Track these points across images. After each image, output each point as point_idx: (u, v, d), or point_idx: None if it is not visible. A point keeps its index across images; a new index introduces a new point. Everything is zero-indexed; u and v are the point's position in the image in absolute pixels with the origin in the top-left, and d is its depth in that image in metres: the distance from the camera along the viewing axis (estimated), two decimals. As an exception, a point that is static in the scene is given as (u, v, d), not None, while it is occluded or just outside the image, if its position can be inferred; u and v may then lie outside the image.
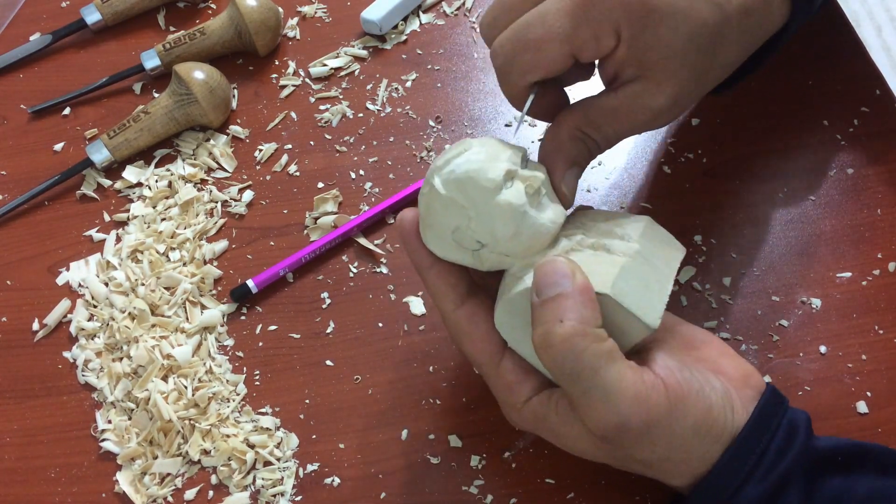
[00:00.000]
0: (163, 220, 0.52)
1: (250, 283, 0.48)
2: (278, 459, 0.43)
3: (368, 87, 0.58)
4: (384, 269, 0.49)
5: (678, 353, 0.36)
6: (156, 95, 0.59)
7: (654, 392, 0.32)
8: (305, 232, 0.51)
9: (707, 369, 0.36)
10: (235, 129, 0.56)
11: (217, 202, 0.53)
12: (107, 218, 0.53)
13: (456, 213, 0.34)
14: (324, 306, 0.48)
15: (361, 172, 0.54)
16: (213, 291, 0.49)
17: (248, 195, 0.53)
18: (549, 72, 0.35)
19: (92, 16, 0.62)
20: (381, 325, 0.47)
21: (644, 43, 0.34)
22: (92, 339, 0.48)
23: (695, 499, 0.35)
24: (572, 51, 0.34)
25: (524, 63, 0.35)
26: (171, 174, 0.54)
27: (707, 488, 0.34)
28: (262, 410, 0.45)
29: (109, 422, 0.45)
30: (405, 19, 0.61)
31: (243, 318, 0.48)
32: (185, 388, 0.45)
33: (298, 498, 0.42)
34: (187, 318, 0.48)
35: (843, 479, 0.34)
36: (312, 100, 0.58)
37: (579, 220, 0.38)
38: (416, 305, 0.47)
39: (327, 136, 0.56)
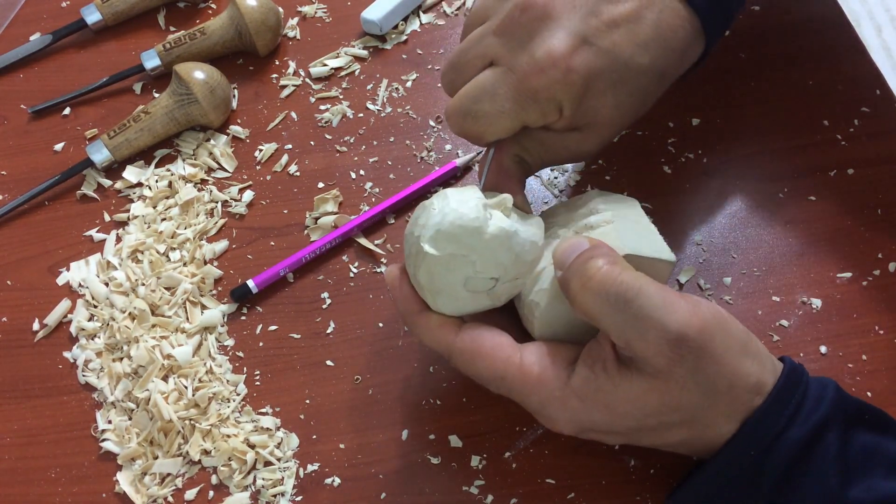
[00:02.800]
0: (163, 220, 0.52)
1: (250, 283, 0.48)
2: (278, 459, 0.43)
3: (368, 87, 0.58)
4: (384, 269, 0.49)
5: None
6: (156, 95, 0.59)
7: (700, 307, 0.33)
8: (305, 232, 0.51)
9: None
10: (235, 129, 0.56)
11: (217, 202, 0.53)
12: (107, 218, 0.53)
13: (459, 265, 0.35)
14: (324, 306, 0.48)
15: (362, 172, 0.54)
16: (214, 291, 0.49)
17: (248, 195, 0.53)
18: (499, 138, 0.38)
19: (92, 16, 0.62)
20: (381, 325, 0.47)
21: (585, 110, 0.37)
22: (92, 339, 0.48)
23: (740, 440, 0.34)
24: (519, 125, 0.38)
25: (476, 133, 0.38)
26: (172, 174, 0.54)
27: (753, 429, 0.33)
28: (263, 410, 0.45)
29: (110, 422, 0.45)
30: (405, 19, 0.61)
31: (243, 318, 0.48)
32: (186, 388, 0.45)
33: (298, 498, 0.42)
34: (187, 318, 0.48)
35: (873, 435, 0.34)
36: (312, 100, 0.58)
37: (548, 221, 0.40)
38: (417, 305, 0.47)
39: (327, 136, 0.56)
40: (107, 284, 0.50)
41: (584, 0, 0.36)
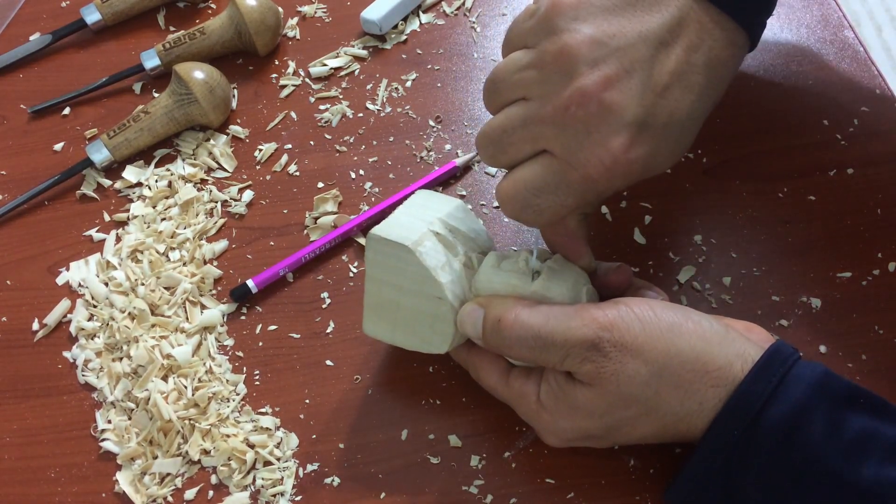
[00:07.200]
0: (163, 220, 0.52)
1: (250, 282, 0.48)
2: (278, 459, 0.43)
3: (368, 86, 0.58)
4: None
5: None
6: (156, 95, 0.59)
7: (605, 308, 0.36)
8: (305, 232, 0.51)
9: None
10: (235, 128, 0.56)
11: (217, 202, 0.53)
12: (107, 218, 0.53)
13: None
14: (324, 306, 0.48)
15: (361, 172, 0.54)
16: (213, 291, 0.49)
17: (248, 195, 0.53)
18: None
19: (92, 16, 0.62)
20: (381, 324, 0.47)
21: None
22: (92, 339, 0.48)
23: (722, 419, 0.34)
24: (577, 210, 0.38)
25: (533, 222, 0.38)
26: (171, 174, 0.54)
27: (732, 408, 0.34)
28: (262, 410, 0.45)
29: (109, 422, 0.45)
30: (405, 19, 0.61)
31: (243, 318, 0.48)
32: (185, 388, 0.45)
33: (298, 498, 0.42)
34: (187, 318, 0.48)
35: (869, 419, 0.34)
36: (312, 100, 0.58)
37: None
38: (416, 305, 0.47)
39: (327, 136, 0.56)
40: (106, 284, 0.50)
41: (638, 65, 0.34)
